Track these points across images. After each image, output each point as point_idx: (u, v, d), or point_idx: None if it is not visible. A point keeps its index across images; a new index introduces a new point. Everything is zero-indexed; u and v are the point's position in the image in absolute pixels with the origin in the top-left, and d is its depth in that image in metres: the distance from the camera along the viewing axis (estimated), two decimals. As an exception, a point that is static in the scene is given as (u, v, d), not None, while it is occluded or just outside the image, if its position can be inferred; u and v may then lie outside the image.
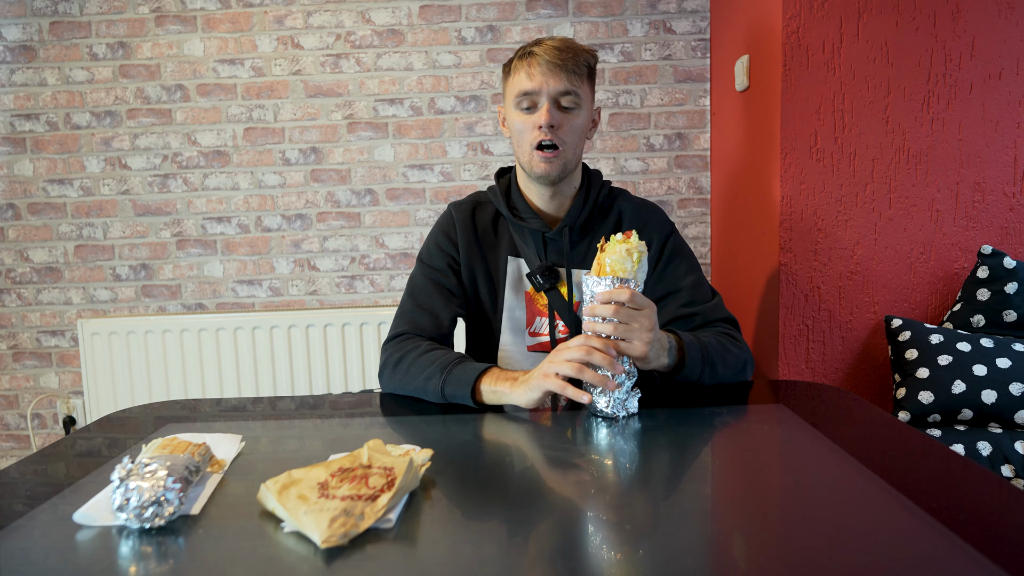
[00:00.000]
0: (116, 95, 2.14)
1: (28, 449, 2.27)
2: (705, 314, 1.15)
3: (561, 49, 1.10)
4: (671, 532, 0.59)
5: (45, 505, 0.68)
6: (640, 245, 0.93)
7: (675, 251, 1.21)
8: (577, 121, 1.14)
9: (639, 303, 0.91)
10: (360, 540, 0.58)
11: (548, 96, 1.11)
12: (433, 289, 1.20)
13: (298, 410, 1.03)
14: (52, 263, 2.20)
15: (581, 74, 1.13)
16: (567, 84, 1.11)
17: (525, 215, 1.20)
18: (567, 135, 1.13)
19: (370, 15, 2.12)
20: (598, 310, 0.90)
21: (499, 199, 1.22)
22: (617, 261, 0.91)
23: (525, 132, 1.13)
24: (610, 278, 0.91)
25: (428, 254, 1.24)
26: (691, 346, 1.01)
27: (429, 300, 1.19)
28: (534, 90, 1.11)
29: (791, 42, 1.56)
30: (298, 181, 2.18)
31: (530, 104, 1.12)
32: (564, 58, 1.10)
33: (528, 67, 1.11)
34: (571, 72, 1.11)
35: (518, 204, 1.22)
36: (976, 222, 1.59)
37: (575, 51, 1.12)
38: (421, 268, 1.23)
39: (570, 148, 1.14)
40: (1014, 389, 1.35)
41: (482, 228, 1.23)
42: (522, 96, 1.12)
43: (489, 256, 1.22)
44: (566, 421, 0.93)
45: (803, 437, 0.82)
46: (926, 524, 0.57)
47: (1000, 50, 1.54)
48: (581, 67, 1.12)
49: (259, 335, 2.11)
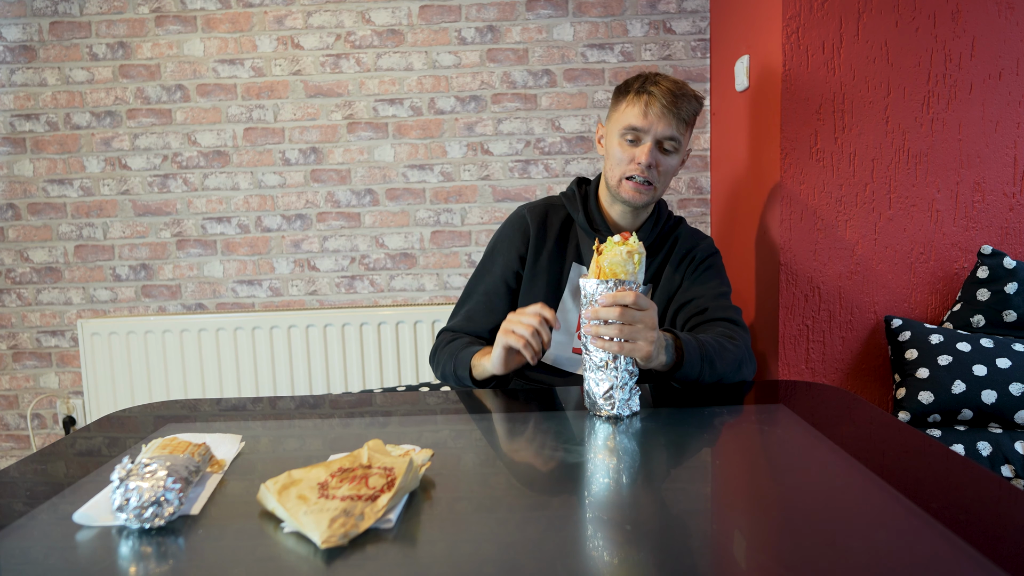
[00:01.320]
0: (116, 95, 2.14)
1: (28, 449, 2.27)
2: (713, 310, 1.20)
3: (677, 95, 1.17)
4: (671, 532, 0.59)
5: (45, 505, 0.68)
6: (639, 246, 0.93)
7: (713, 267, 1.29)
8: (672, 163, 1.21)
9: (642, 304, 0.92)
10: (360, 540, 0.58)
11: (654, 137, 1.18)
12: (503, 290, 1.29)
13: (298, 410, 1.03)
14: (52, 263, 2.20)
15: (687, 122, 1.20)
16: (674, 131, 1.18)
17: (600, 227, 1.28)
18: (661, 175, 1.21)
19: (370, 15, 2.12)
20: (602, 313, 0.90)
21: (577, 207, 1.29)
22: (618, 263, 0.91)
23: (623, 162, 1.21)
24: (612, 280, 0.91)
25: (506, 247, 1.30)
26: (688, 343, 1.01)
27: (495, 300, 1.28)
28: (643, 128, 1.18)
29: (791, 42, 1.56)
30: (298, 181, 2.18)
31: (634, 138, 1.19)
32: (679, 105, 1.17)
33: (644, 105, 1.17)
34: (680, 119, 1.18)
35: (595, 216, 1.29)
36: (976, 222, 1.59)
37: (688, 98, 1.18)
38: (502, 261, 1.29)
39: (660, 185, 1.22)
40: (1014, 389, 1.35)
41: (552, 232, 1.29)
42: (629, 129, 1.19)
43: (554, 260, 1.28)
44: (567, 421, 0.93)
45: (803, 437, 0.82)
46: (926, 524, 0.57)
47: (1000, 50, 1.54)
48: (689, 115, 1.20)
49: (259, 335, 2.11)
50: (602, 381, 0.91)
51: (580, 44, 2.13)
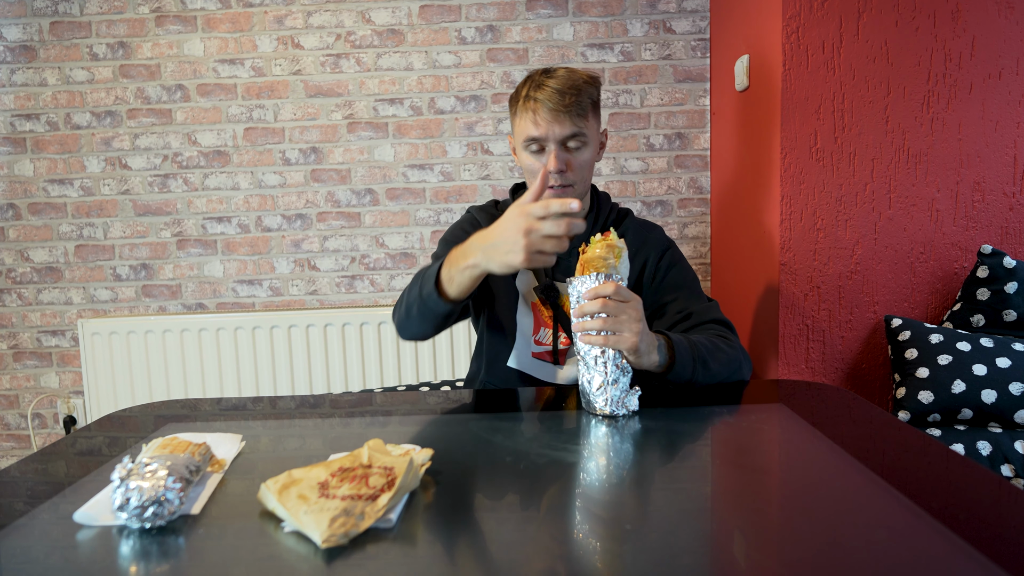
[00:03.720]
0: (116, 95, 2.14)
1: (28, 449, 2.28)
2: (700, 314, 1.18)
3: (563, 92, 1.11)
4: (671, 531, 0.59)
5: (45, 505, 0.68)
6: (619, 242, 0.94)
7: (672, 263, 1.25)
8: (585, 156, 1.16)
9: (624, 296, 0.92)
10: (360, 540, 0.58)
11: (555, 141, 1.13)
12: None
13: (298, 409, 1.03)
14: (52, 263, 2.20)
15: (584, 113, 1.14)
16: (572, 127, 1.13)
17: None
18: (576, 173, 1.16)
19: (370, 15, 2.12)
20: (586, 308, 0.91)
21: None
22: (599, 259, 0.92)
23: (536, 172, 1.16)
24: (594, 275, 0.92)
25: (453, 237, 1.25)
26: (679, 343, 1.01)
27: None
28: (541, 136, 1.13)
29: (791, 42, 1.56)
30: (298, 181, 2.18)
31: (538, 147, 1.15)
32: (567, 103, 1.11)
33: (533, 113, 1.13)
34: (575, 115, 1.12)
35: None
36: (976, 222, 1.59)
37: (577, 90, 1.13)
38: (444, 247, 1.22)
39: (580, 182, 1.17)
40: (1014, 389, 1.35)
41: None
42: (530, 140, 1.15)
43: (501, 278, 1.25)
44: (566, 421, 0.94)
45: (803, 437, 0.83)
46: (926, 524, 0.57)
47: (1000, 50, 1.54)
48: (585, 106, 1.14)
49: (259, 335, 2.11)
50: (594, 378, 0.92)
51: (580, 44, 2.13)
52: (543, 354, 1.25)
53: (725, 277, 2.08)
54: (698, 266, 2.22)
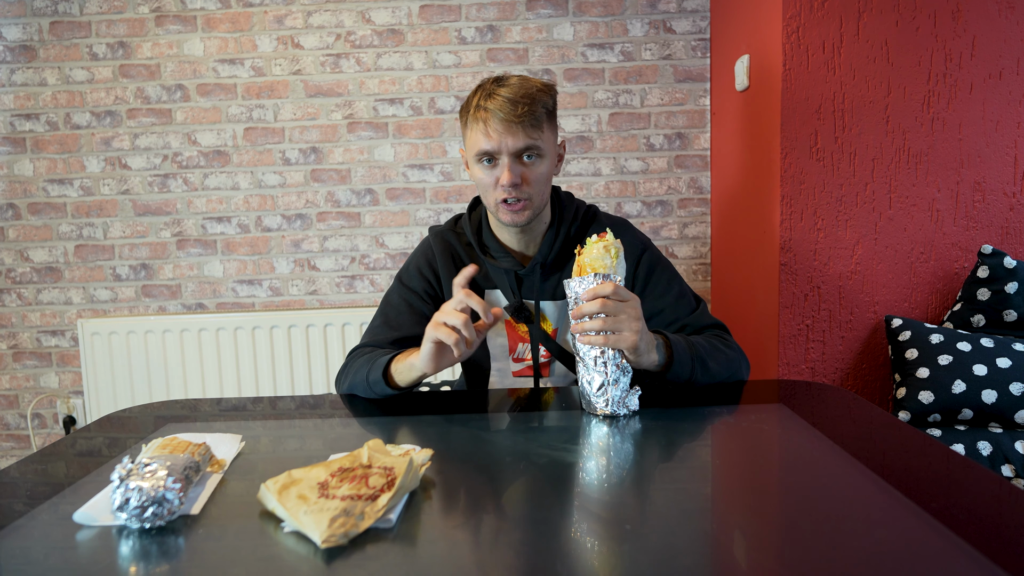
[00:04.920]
0: (116, 95, 2.14)
1: (28, 449, 2.27)
2: (693, 323, 1.14)
3: (515, 101, 1.04)
4: (671, 531, 0.59)
5: (45, 505, 0.68)
6: (616, 242, 0.94)
7: (651, 267, 1.19)
8: (541, 170, 1.09)
9: (623, 295, 0.91)
10: (360, 540, 0.58)
11: (508, 154, 1.06)
12: (406, 309, 1.18)
13: (298, 410, 1.03)
14: (52, 263, 2.20)
15: (539, 123, 1.07)
16: (525, 139, 1.05)
17: (496, 254, 1.18)
18: (532, 186, 1.09)
19: (370, 15, 2.12)
20: (584, 308, 0.91)
21: (471, 235, 1.19)
22: (596, 259, 0.92)
23: (490, 187, 1.10)
24: (591, 275, 0.91)
25: (408, 275, 1.22)
26: (677, 343, 1.01)
27: (399, 319, 1.17)
28: (493, 150, 1.06)
29: (791, 42, 1.56)
30: (298, 181, 2.18)
31: (491, 160, 1.08)
32: (520, 113, 1.04)
33: (484, 124, 1.05)
34: (529, 126, 1.05)
35: (489, 243, 1.19)
36: (976, 222, 1.59)
37: (531, 100, 1.05)
38: (398, 288, 1.21)
39: (536, 196, 1.10)
40: (1014, 389, 1.35)
41: (459, 257, 1.21)
42: (482, 154, 1.08)
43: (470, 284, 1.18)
44: (566, 421, 0.93)
45: (803, 437, 0.82)
46: (926, 524, 0.57)
47: (1000, 50, 1.54)
48: (539, 116, 1.06)
49: (259, 335, 2.11)
50: (594, 379, 0.91)
51: (580, 44, 2.13)
52: (524, 371, 1.22)
53: (725, 277, 2.08)
54: (698, 266, 2.22)
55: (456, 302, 0.92)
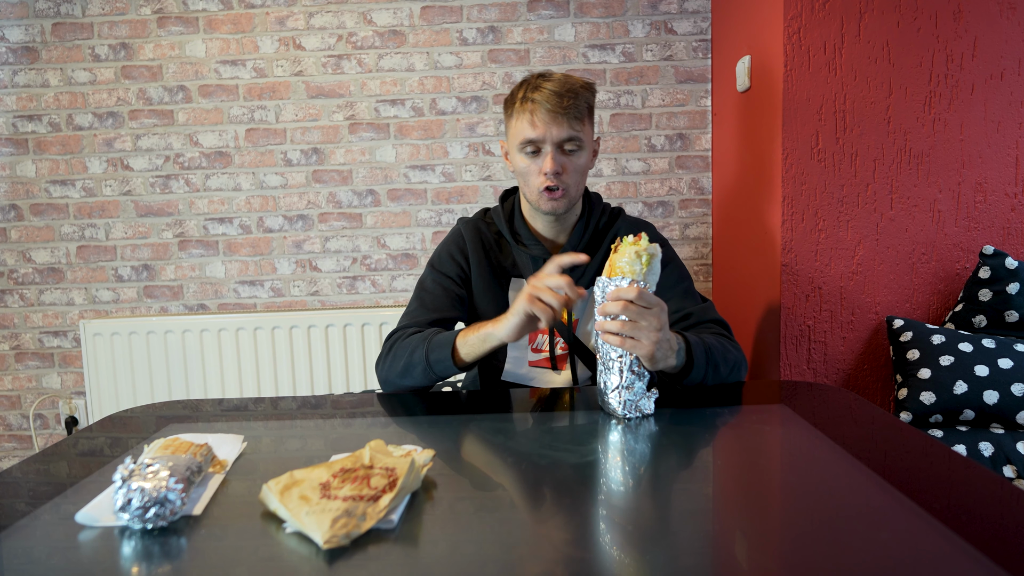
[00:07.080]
0: (118, 96, 2.14)
1: (30, 449, 2.28)
2: (698, 314, 1.18)
3: (561, 95, 1.12)
4: (673, 532, 0.59)
5: (47, 505, 0.68)
6: (650, 248, 0.93)
7: (665, 262, 1.23)
8: (580, 162, 1.17)
9: (648, 301, 0.91)
10: (362, 541, 0.58)
11: (552, 143, 1.14)
12: (441, 292, 1.23)
13: (300, 410, 1.03)
14: (54, 264, 2.20)
15: (582, 116, 1.15)
16: (569, 131, 1.13)
17: (527, 241, 1.25)
18: (571, 177, 1.16)
19: (371, 16, 2.12)
20: (608, 308, 0.91)
21: (502, 223, 1.26)
22: (627, 263, 0.92)
23: (531, 175, 1.17)
24: (619, 277, 0.91)
25: (440, 261, 1.27)
26: (697, 347, 1.01)
27: (435, 302, 1.22)
28: (538, 138, 1.14)
29: (792, 42, 1.56)
30: (300, 182, 2.18)
31: (534, 149, 1.15)
32: (566, 105, 1.11)
33: (531, 115, 1.13)
34: (573, 118, 1.13)
35: (521, 230, 1.26)
36: (978, 222, 1.59)
37: (575, 94, 1.13)
38: (431, 273, 1.27)
39: (574, 187, 1.18)
40: (1016, 389, 1.35)
41: (489, 245, 1.27)
42: (526, 143, 1.15)
43: (496, 273, 1.26)
44: (568, 421, 0.94)
45: (805, 437, 0.82)
46: (928, 525, 0.57)
47: (1002, 50, 1.54)
48: (582, 110, 1.15)
49: (261, 336, 2.11)
50: (611, 379, 0.92)
51: (581, 45, 2.13)
52: (541, 361, 1.25)
53: (726, 278, 2.08)
54: (699, 267, 2.22)
55: (555, 284, 0.95)
